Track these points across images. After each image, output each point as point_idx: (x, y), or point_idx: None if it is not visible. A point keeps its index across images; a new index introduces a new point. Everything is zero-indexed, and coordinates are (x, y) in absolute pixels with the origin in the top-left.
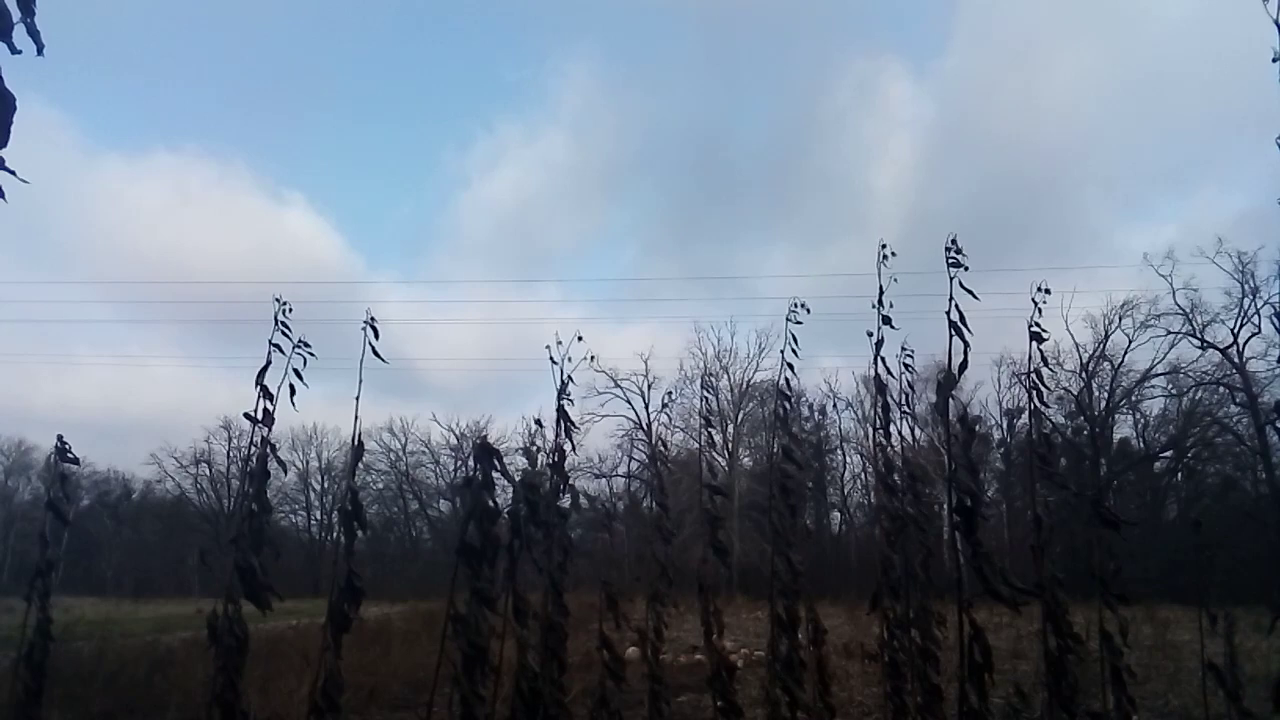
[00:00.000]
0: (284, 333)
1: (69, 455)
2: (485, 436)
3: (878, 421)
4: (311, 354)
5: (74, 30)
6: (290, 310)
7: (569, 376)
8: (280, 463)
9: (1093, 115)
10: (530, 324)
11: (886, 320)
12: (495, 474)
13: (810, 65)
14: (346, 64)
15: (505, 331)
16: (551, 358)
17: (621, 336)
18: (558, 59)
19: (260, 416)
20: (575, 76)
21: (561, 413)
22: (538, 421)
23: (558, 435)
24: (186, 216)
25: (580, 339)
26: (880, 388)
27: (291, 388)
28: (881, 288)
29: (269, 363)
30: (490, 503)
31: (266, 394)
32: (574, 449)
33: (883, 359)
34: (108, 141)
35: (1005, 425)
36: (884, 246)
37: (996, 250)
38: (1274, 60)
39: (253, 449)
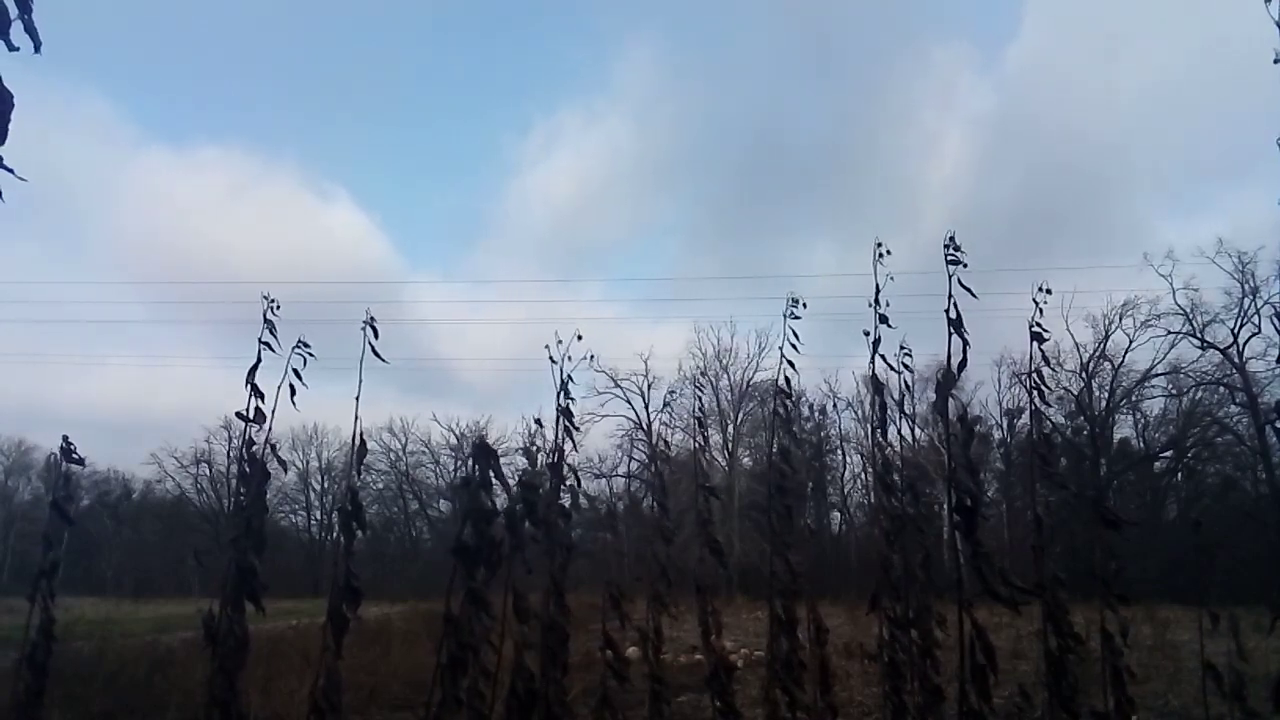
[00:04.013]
0: (272, 331)
1: (74, 456)
2: (483, 436)
3: (875, 421)
4: (311, 354)
5: (123, 25)
6: (278, 308)
7: (569, 376)
8: (281, 462)
9: (1157, 106)
10: (569, 323)
11: (883, 319)
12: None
13: (879, 54)
14: (400, 48)
15: (543, 330)
16: (551, 357)
17: (659, 335)
18: (623, 42)
19: (251, 415)
20: (638, 61)
21: (564, 412)
22: (538, 421)
23: (558, 435)
24: (229, 212)
25: (580, 338)
26: (878, 387)
27: (292, 387)
28: (878, 286)
29: (259, 361)
30: (488, 503)
31: (257, 393)
32: (575, 448)
33: (881, 358)
34: (155, 135)
35: (1005, 425)
36: (879, 245)
37: (1055, 246)
38: (1275, 61)
39: (244, 449)
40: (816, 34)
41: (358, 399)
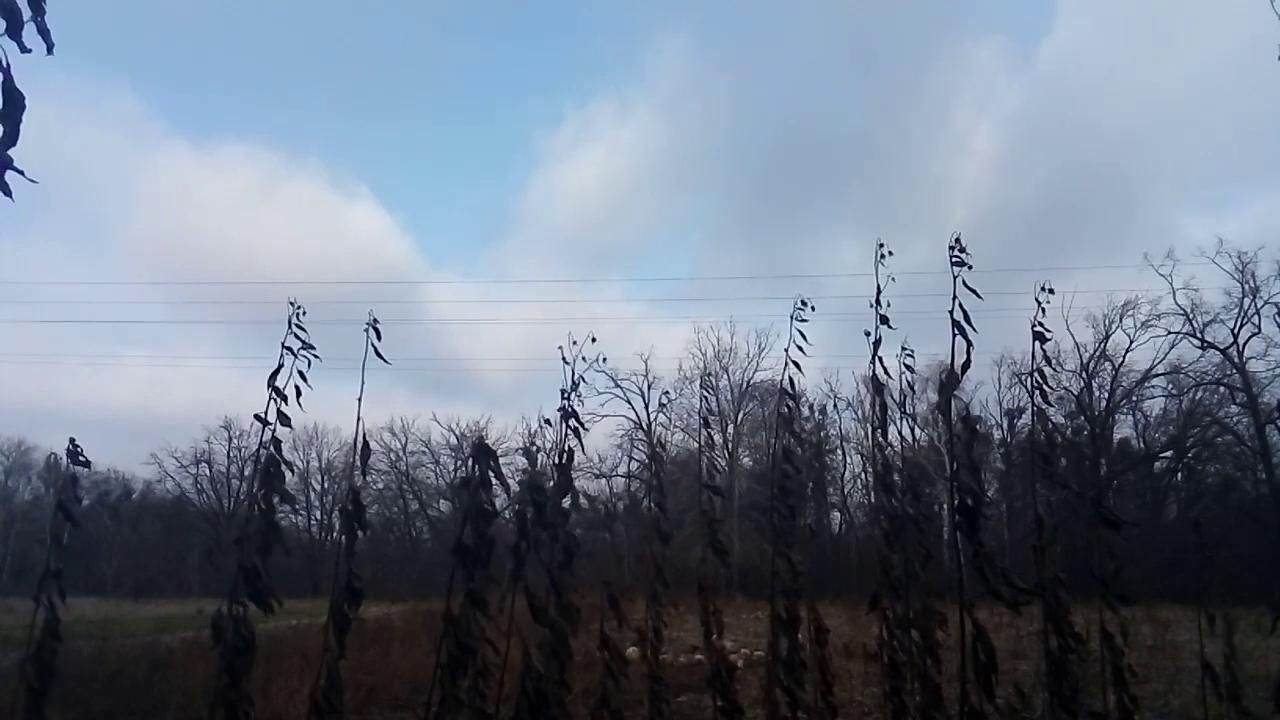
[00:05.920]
0: (297, 335)
1: (80, 457)
2: (483, 437)
3: (875, 422)
4: (316, 356)
5: (153, 23)
6: (304, 314)
7: (580, 377)
8: (286, 463)
9: (1187, 104)
10: (590, 322)
11: (884, 320)
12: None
13: (912, 50)
14: (428, 45)
15: (562, 329)
16: (564, 358)
17: (679, 334)
18: (657, 35)
19: (274, 418)
20: (671, 54)
21: (570, 413)
22: (547, 421)
23: (563, 436)
24: (251, 210)
25: (594, 340)
26: (878, 388)
27: (297, 389)
28: (879, 286)
29: (280, 365)
30: (487, 503)
31: (280, 395)
32: (582, 449)
33: (879, 360)
34: (181, 131)
35: (1005, 425)
36: (881, 245)
37: (1079, 245)
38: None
39: (259, 450)
40: (850, 29)
41: (360, 400)
